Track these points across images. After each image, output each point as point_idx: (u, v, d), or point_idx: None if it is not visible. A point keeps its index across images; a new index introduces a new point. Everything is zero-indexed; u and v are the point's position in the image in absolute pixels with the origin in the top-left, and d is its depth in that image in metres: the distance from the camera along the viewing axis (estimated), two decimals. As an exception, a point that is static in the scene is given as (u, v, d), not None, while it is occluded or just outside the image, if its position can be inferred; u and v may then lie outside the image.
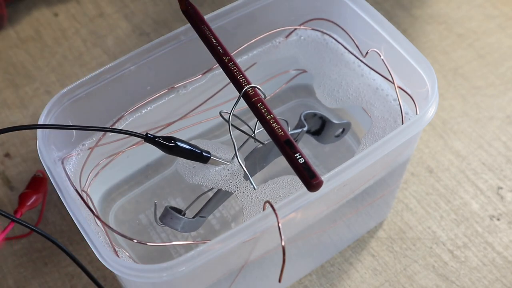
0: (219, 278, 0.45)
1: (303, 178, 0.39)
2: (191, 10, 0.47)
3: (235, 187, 0.46)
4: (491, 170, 0.61)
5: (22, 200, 0.54)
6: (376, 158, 0.42)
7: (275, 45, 0.54)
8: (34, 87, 0.66)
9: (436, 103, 0.45)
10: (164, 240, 0.53)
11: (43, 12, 0.72)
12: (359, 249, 0.56)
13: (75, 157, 0.48)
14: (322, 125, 0.53)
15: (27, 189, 0.55)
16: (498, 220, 0.58)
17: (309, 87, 0.58)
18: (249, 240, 0.39)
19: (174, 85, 0.51)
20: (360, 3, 0.50)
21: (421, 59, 0.47)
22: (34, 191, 0.55)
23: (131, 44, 0.69)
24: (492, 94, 0.66)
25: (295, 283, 0.54)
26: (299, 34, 0.55)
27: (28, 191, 0.54)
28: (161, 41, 0.48)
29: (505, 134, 0.63)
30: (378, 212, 0.56)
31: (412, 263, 0.55)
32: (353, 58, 0.52)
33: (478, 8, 0.73)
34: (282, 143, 0.40)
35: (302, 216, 0.45)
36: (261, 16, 0.52)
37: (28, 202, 0.54)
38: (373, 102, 0.50)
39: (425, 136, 0.63)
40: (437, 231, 0.57)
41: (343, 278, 0.55)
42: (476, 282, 0.54)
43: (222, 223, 0.55)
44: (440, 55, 0.69)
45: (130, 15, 0.72)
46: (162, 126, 0.52)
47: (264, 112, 0.42)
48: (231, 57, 0.45)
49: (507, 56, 0.69)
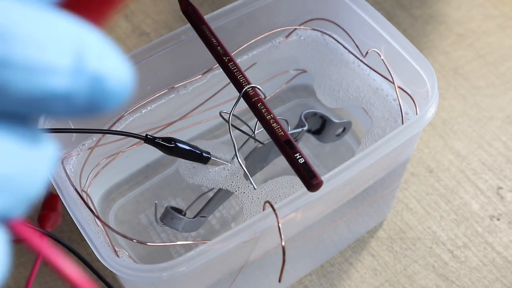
0: (219, 278, 0.45)
1: (303, 178, 0.39)
2: (191, 10, 0.47)
3: (235, 187, 0.46)
4: (491, 170, 0.61)
5: (42, 222, 0.54)
6: (376, 158, 0.42)
7: (275, 45, 0.54)
8: (34, 87, 0.66)
9: (436, 103, 0.45)
10: (164, 240, 0.53)
11: (43, 12, 0.72)
12: (359, 249, 0.56)
13: (75, 157, 0.48)
14: (322, 124, 0.53)
15: (44, 210, 0.55)
16: (498, 220, 0.58)
17: (309, 87, 0.58)
18: (249, 240, 0.39)
19: (174, 85, 0.51)
20: (360, 3, 0.50)
21: (421, 59, 0.47)
22: (51, 210, 0.55)
23: (131, 44, 0.69)
24: (492, 94, 0.66)
25: (295, 283, 0.54)
26: (299, 34, 0.55)
27: (45, 212, 0.54)
28: (161, 41, 0.48)
29: (505, 134, 0.63)
30: (378, 212, 0.56)
31: (412, 263, 0.55)
32: (353, 58, 0.52)
33: (478, 8, 0.73)
34: (282, 143, 0.40)
35: (302, 216, 0.45)
36: (261, 16, 0.52)
37: (48, 223, 0.54)
38: (373, 102, 0.50)
39: (425, 136, 0.63)
40: (437, 231, 0.57)
41: (343, 278, 0.55)
42: (476, 282, 0.54)
43: (222, 223, 0.55)
44: (440, 55, 0.69)
45: (130, 15, 0.72)
46: (162, 126, 0.52)
47: (264, 112, 0.42)
48: (231, 57, 0.45)
49: (507, 56, 0.69)
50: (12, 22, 0.15)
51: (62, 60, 0.16)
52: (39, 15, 0.16)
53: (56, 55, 0.16)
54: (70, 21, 0.16)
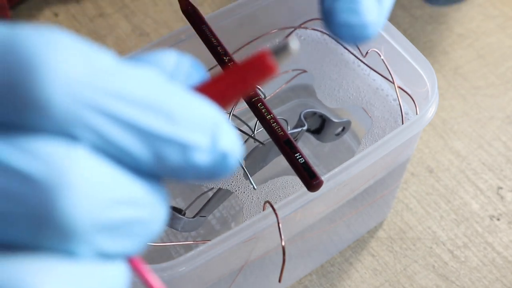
0: (219, 278, 0.45)
1: (303, 178, 0.39)
2: (191, 10, 0.47)
3: (235, 187, 0.46)
4: (491, 170, 0.61)
5: None
6: (376, 158, 0.42)
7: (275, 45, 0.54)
8: (34, 87, 0.66)
9: (436, 103, 0.45)
10: (164, 240, 0.53)
11: (43, 12, 0.72)
12: (359, 249, 0.56)
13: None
14: (322, 123, 0.53)
15: None
16: (498, 220, 0.58)
17: (309, 87, 0.58)
18: (249, 240, 0.39)
19: (174, 85, 0.51)
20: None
21: (421, 59, 0.47)
22: None
23: (131, 44, 0.69)
24: (492, 94, 0.66)
25: (295, 283, 0.54)
26: (299, 34, 0.55)
27: None
28: (161, 41, 0.48)
29: (505, 134, 0.63)
30: (378, 212, 0.56)
31: (412, 263, 0.55)
32: (353, 58, 0.52)
33: (478, 8, 0.73)
34: (282, 143, 0.40)
35: (302, 216, 0.45)
36: (261, 16, 0.52)
37: None
38: (373, 102, 0.50)
39: (425, 136, 0.63)
40: (437, 231, 0.57)
41: (343, 278, 0.55)
42: (476, 282, 0.54)
43: (222, 223, 0.54)
44: (440, 55, 0.69)
45: (130, 15, 0.72)
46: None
47: (264, 112, 0.42)
48: (231, 57, 0.45)
49: (507, 56, 0.69)
50: (176, 106, 0.19)
51: (205, 139, 0.19)
52: (190, 99, 0.19)
53: (202, 135, 0.19)
54: (209, 105, 0.20)
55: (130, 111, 0.18)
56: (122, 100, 0.18)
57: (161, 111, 0.19)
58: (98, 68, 0.18)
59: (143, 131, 0.18)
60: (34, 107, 0.17)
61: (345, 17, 0.28)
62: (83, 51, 0.18)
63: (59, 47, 0.17)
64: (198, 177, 0.20)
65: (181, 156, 0.19)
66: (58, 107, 0.17)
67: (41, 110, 0.17)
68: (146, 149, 0.19)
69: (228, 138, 0.20)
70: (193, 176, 0.20)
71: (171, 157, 0.19)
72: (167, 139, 0.19)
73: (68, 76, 0.17)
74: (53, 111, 0.17)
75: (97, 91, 0.18)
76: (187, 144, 0.19)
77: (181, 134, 0.19)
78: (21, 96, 0.17)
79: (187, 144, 0.19)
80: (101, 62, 0.18)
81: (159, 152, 0.19)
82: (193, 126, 0.19)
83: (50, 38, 0.18)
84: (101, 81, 0.18)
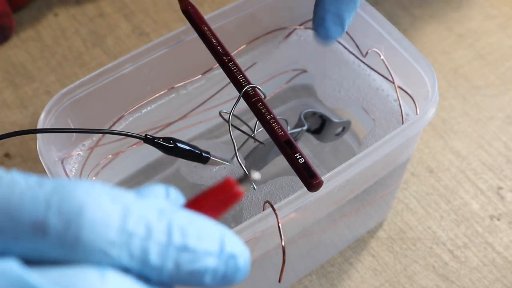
0: (219, 278, 0.45)
1: (303, 178, 0.39)
2: (191, 10, 0.47)
3: (235, 187, 0.46)
4: (491, 170, 0.61)
5: None
6: (376, 158, 0.42)
7: (275, 45, 0.54)
8: (34, 87, 0.66)
9: (436, 103, 0.45)
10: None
11: (43, 12, 0.72)
12: (359, 249, 0.56)
13: (75, 157, 0.48)
14: (322, 123, 0.53)
15: None
16: (498, 220, 0.58)
17: (309, 87, 0.58)
18: (249, 240, 0.39)
19: (174, 85, 0.51)
20: (360, 3, 0.50)
21: (421, 59, 0.47)
22: None
23: (131, 44, 0.69)
24: (492, 94, 0.66)
25: (295, 283, 0.54)
26: (299, 34, 0.55)
27: None
28: (161, 41, 0.48)
29: (505, 134, 0.63)
30: (378, 212, 0.56)
31: (412, 263, 0.55)
32: (353, 58, 0.52)
33: (478, 8, 0.73)
34: (282, 143, 0.40)
35: (302, 216, 0.45)
36: (261, 16, 0.52)
37: None
38: (373, 102, 0.50)
39: (425, 136, 0.63)
40: (437, 231, 0.57)
41: (343, 278, 0.55)
42: (476, 282, 0.54)
43: (222, 223, 0.54)
44: (440, 55, 0.69)
45: (130, 15, 0.72)
46: (162, 126, 0.52)
47: (264, 112, 0.42)
48: (231, 57, 0.45)
49: (507, 56, 0.69)
50: (187, 223, 0.23)
51: (213, 246, 0.24)
52: (195, 218, 0.24)
53: (211, 244, 0.24)
54: (211, 220, 0.24)
55: (156, 235, 0.23)
56: (147, 227, 0.22)
57: (178, 230, 0.23)
58: (124, 207, 0.22)
59: (164, 248, 0.23)
60: (81, 246, 0.22)
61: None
62: (114, 196, 0.22)
63: (99, 200, 0.22)
64: (214, 281, 0.24)
65: (196, 262, 0.23)
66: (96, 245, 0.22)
67: (84, 248, 0.22)
68: (169, 261, 0.23)
69: (233, 243, 0.24)
70: (210, 280, 0.23)
71: (188, 264, 0.23)
72: (184, 249, 0.23)
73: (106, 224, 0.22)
74: (91, 248, 0.22)
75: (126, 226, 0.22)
76: (199, 251, 0.23)
77: (195, 244, 0.23)
78: (72, 238, 0.21)
79: (199, 252, 0.23)
80: (124, 199, 0.23)
81: (178, 260, 0.23)
82: (204, 237, 0.23)
83: (90, 190, 0.22)
84: (131, 222, 0.22)
